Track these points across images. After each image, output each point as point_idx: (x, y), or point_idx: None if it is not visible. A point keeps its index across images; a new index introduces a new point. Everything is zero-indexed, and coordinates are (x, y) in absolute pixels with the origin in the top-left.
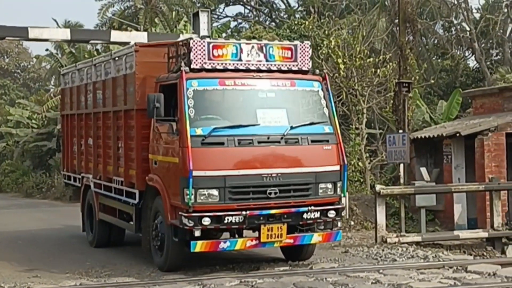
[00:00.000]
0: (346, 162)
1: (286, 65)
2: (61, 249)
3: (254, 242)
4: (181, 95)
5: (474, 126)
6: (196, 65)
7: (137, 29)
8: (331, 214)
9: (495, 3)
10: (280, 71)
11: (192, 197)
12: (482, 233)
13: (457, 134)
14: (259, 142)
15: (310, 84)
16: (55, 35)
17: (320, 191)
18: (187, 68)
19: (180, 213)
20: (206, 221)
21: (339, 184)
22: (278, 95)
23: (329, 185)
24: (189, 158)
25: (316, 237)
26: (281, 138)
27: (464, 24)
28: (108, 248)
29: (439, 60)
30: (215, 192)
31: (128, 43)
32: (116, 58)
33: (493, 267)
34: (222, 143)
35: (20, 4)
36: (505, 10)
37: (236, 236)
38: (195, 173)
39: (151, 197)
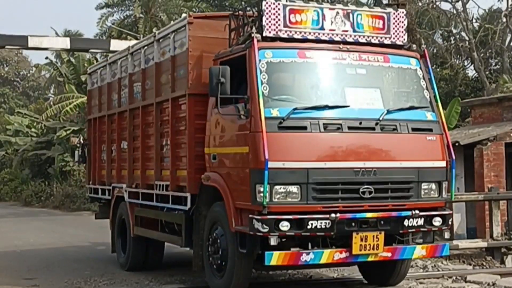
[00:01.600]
0: (454, 157)
1: (376, 37)
2: (60, 258)
3: (344, 255)
4: (252, 69)
5: (473, 136)
6: (270, 32)
7: (136, 38)
8: (437, 222)
9: (494, 13)
10: (369, 44)
11: (268, 195)
12: (481, 243)
13: (456, 144)
14: (349, 128)
15: (407, 61)
16: (55, 44)
17: (423, 192)
18: (259, 36)
19: (250, 216)
20: (285, 226)
21: (445, 185)
22: (370, 72)
23: (433, 185)
24: (264, 145)
25: (419, 251)
26: (376, 123)
27: (463, 33)
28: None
29: (438, 70)
30: (295, 189)
31: None
32: (161, 39)
33: (493, 277)
34: (304, 128)
35: (20, 13)
36: (504, 20)
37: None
38: (271, 164)
39: (207, 203)
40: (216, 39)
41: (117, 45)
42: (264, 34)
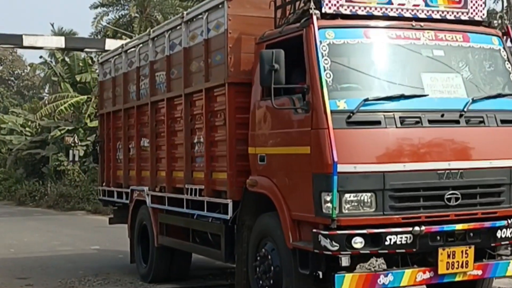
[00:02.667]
0: None
1: (452, 12)
2: (54, 258)
3: (428, 275)
4: (312, 52)
5: None
6: (330, 8)
7: (131, 38)
8: None
9: (489, 14)
10: (444, 20)
11: (337, 205)
12: None
13: None
14: (430, 122)
15: (489, 40)
16: (49, 43)
17: None
18: (318, 12)
19: (314, 231)
20: (358, 242)
21: None
22: (448, 54)
23: None
24: (331, 145)
25: None
26: (460, 115)
27: None
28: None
29: None
30: (369, 197)
31: None
32: (190, 21)
33: None
34: (378, 123)
35: (14, 12)
36: (500, 21)
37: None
38: (340, 167)
39: (251, 211)
40: (259, 18)
41: (112, 44)
42: (323, 11)
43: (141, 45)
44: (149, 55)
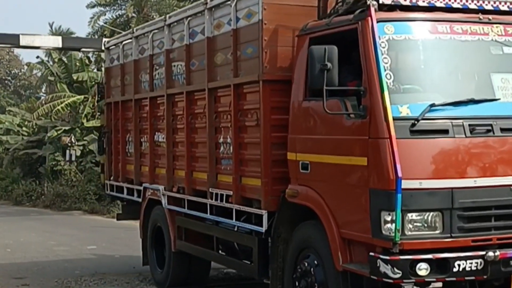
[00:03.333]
0: None
1: None
2: (50, 258)
3: None
4: (369, 49)
5: None
6: None
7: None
8: None
9: None
10: None
11: (400, 226)
12: None
13: None
14: (502, 130)
15: None
16: (46, 43)
17: None
18: (375, 3)
19: (372, 254)
20: (423, 269)
21: None
22: None
23: None
24: (394, 158)
25: None
26: None
27: None
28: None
29: None
30: (436, 217)
31: None
32: (215, 7)
33: None
34: (446, 131)
35: (11, 11)
36: None
37: None
38: (404, 183)
39: (288, 223)
40: (298, 7)
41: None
42: (380, 1)
43: (155, 31)
44: (164, 43)
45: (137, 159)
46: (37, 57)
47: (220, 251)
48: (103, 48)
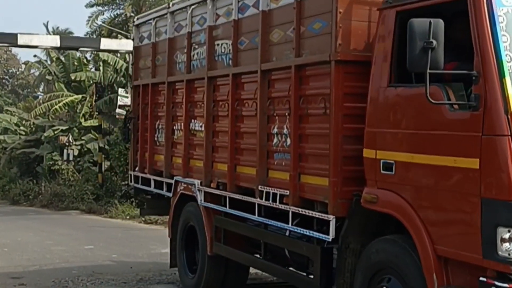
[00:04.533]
0: None
1: None
2: (47, 257)
3: None
4: (484, 25)
5: None
6: None
7: (127, 37)
8: None
9: None
10: None
11: None
12: None
13: None
14: None
15: None
16: (44, 42)
17: None
18: None
19: (483, 279)
20: None
21: None
22: None
23: None
24: None
25: None
26: None
27: None
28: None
29: None
30: None
31: (117, 51)
32: None
33: None
34: None
35: (9, 11)
36: None
37: None
38: None
39: (358, 231)
40: None
41: (107, 43)
42: None
43: (195, 5)
44: (207, 19)
45: (168, 149)
46: (35, 56)
47: (269, 259)
48: (101, 47)
